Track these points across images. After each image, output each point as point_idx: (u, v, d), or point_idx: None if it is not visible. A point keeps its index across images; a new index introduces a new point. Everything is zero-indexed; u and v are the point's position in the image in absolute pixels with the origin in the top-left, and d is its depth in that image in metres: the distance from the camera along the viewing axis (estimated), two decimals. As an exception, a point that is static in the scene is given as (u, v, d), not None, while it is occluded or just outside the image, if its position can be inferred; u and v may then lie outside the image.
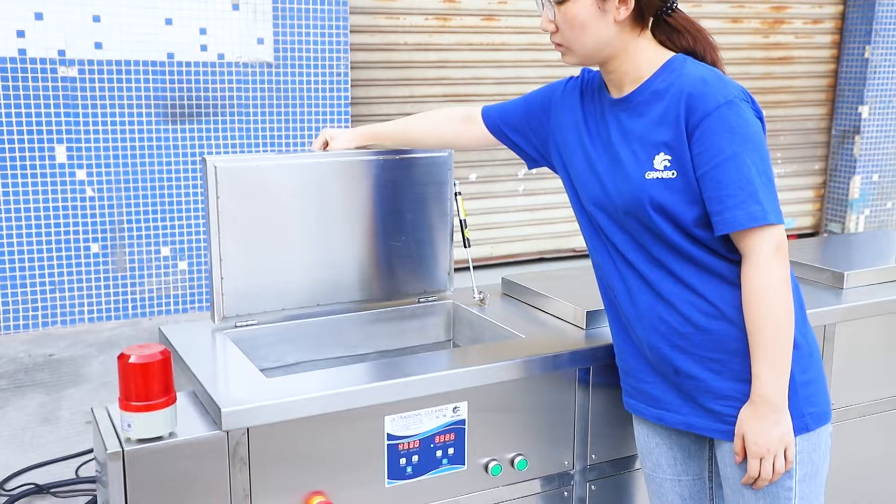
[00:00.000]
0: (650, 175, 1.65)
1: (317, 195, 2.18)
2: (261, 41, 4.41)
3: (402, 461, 1.82)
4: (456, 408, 1.87)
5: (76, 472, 3.10)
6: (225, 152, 4.46)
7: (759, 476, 1.65)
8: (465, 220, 2.36)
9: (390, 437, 1.80)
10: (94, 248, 4.34)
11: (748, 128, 1.61)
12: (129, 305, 4.46)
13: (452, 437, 1.87)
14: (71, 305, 4.36)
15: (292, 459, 1.72)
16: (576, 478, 2.05)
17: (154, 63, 4.22)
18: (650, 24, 1.71)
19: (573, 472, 2.05)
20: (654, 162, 1.65)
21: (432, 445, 1.85)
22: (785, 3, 5.64)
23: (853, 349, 2.40)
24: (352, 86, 4.58)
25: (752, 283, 1.60)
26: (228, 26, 4.33)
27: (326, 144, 2.23)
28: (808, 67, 5.76)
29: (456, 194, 2.33)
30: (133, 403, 1.53)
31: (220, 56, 4.34)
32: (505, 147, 2.06)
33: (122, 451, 1.54)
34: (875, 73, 5.66)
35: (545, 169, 2.04)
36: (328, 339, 2.26)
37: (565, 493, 2.04)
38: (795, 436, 1.66)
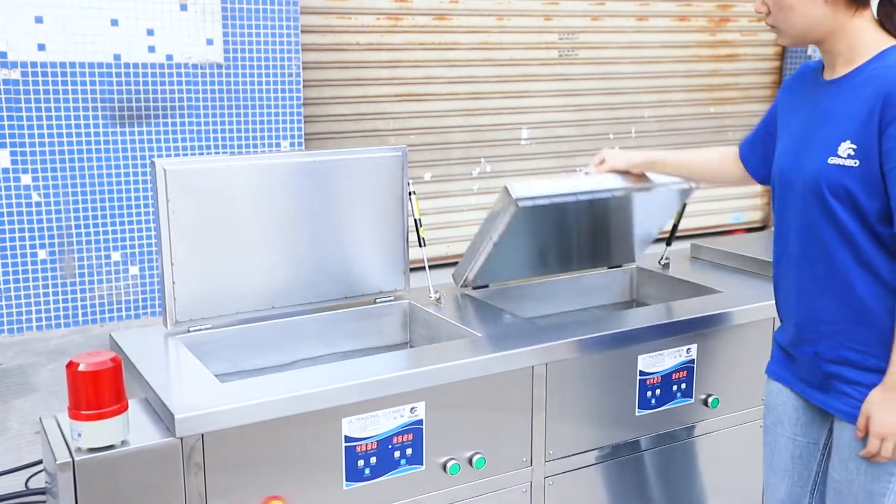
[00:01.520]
0: (832, 160, 1.70)
1: (270, 197, 2.16)
2: (210, 42, 4.35)
3: (360, 463, 1.82)
4: (413, 408, 1.87)
5: (26, 483, 3.03)
6: (176, 155, 4.39)
7: (877, 454, 1.74)
8: (419, 220, 2.36)
9: (348, 438, 1.80)
10: (42, 254, 4.24)
11: None
12: (79, 312, 4.37)
13: (410, 437, 1.87)
14: (18, 313, 4.26)
15: (249, 464, 1.70)
16: (534, 474, 2.07)
17: (100, 65, 4.14)
18: (874, 6, 1.72)
19: (531, 469, 2.06)
20: (840, 149, 1.69)
21: (390, 446, 1.85)
22: (730, 1, 5.75)
23: (801, 340, 2.46)
24: (304, 86, 4.55)
25: None
26: (177, 27, 4.26)
27: (602, 162, 2.34)
28: (754, 65, 5.88)
29: (410, 194, 2.33)
30: (83, 412, 1.50)
31: (169, 57, 4.27)
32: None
33: (72, 461, 1.51)
34: (818, 69, 5.81)
35: (499, 168, 2.03)
36: (284, 342, 2.24)
37: (523, 490, 2.05)
38: None
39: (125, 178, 4.33)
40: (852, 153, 1.68)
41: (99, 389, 1.50)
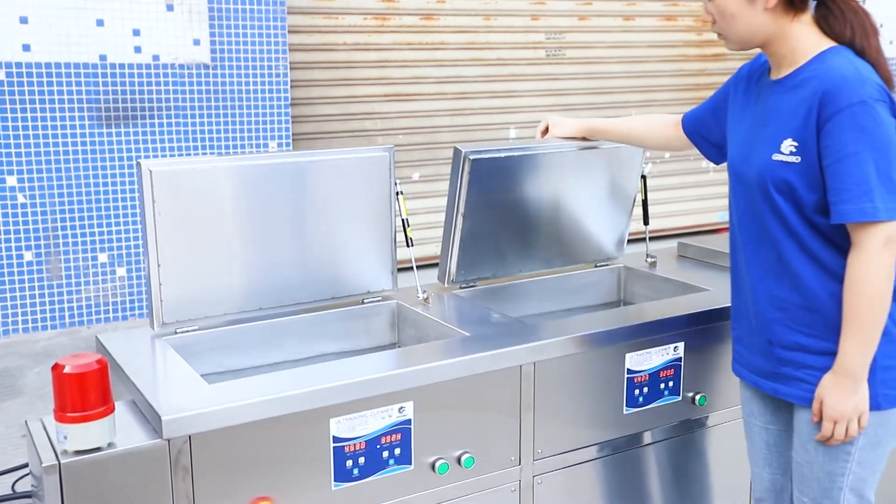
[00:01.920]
0: (776, 157, 1.82)
1: (256, 197, 2.15)
2: (197, 42, 4.34)
3: (349, 463, 1.82)
4: (401, 408, 1.87)
5: (12, 487, 3.01)
6: (162, 155, 4.37)
7: (832, 436, 1.83)
8: (407, 220, 2.36)
9: (336, 439, 1.79)
10: (28, 255, 4.21)
11: (876, 128, 1.72)
12: (66, 314, 4.34)
13: (399, 437, 1.87)
14: (4, 316, 4.23)
15: (237, 466, 1.70)
16: (522, 473, 2.07)
17: (86, 65, 4.11)
18: (812, 10, 1.83)
19: (520, 468, 2.06)
20: (782, 146, 1.81)
21: (378, 446, 1.85)
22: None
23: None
24: (291, 86, 4.54)
25: (856, 269, 1.76)
26: (163, 27, 4.24)
27: (546, 130, 2.47)
28: (740, 64, 5.91)
29: (397, 194, 2.33)
30: (69, 415, 1.49)
31: (155, 58, 4.26)
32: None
33: (58, 464, 1.51)
34: (804, 68, 5.84)
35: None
36: (271, 343, 2.23)
37: (512, 489, 2.06)
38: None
39: (112, 179, 4.31)
40: (794, 150, 1.79)
41: (85, 391, 1.49)
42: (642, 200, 2.71)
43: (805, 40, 1.82)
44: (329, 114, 4.74)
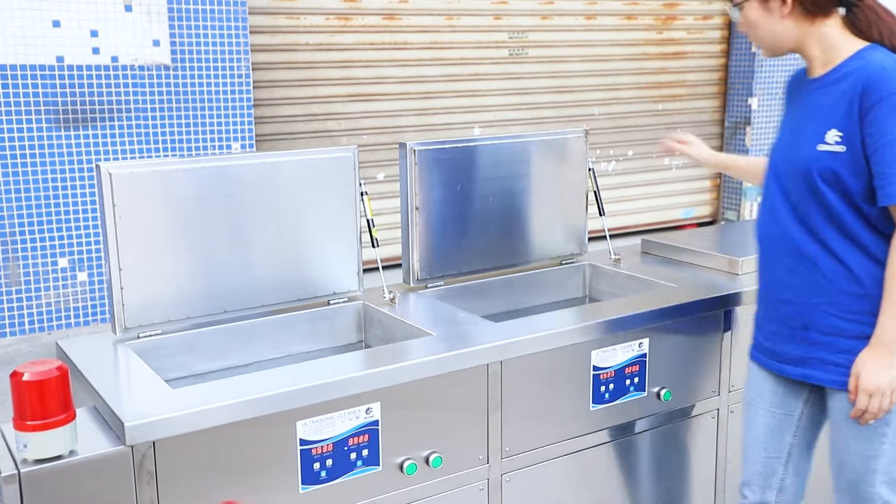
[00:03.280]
0: (821, 147, 1.90)
1: (219, 199, 2.13)
2: (157, 43, 4.28)
3: (316, 466, 1.81)
4: (369, 409, 1.86)
5: (-28, 498, 2.95)
6: (123, 158, 4.31)
7: (865, 411, 1.89)
8: (372, 220, 2.35)
9: (303, 441, 1.78)
10: (-15, 262, 4.13)
11: None
12: (26, 320, 4.26)
13: (366, 438, 1.86)
14: (-39, 323, 4.14)
15: (202, 471, 1.68)
16: (491, 471, 2.07)
17: (42, 67, 4.04)
18: (838, 14, 1.93)
19: (488, 466, 2.07)
20: (827, 136, 1.90)
21: (346, 448, 1.84)
22: (676, 0, 5.83)
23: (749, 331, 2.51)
24: (254, 87, 4.50)
25: None
26: (121, 28, 4.18)
27: (682, 143, 2.55)
28: (700, 62, 5.98)
29: (362, 194, 2.32)
30: (28, 423, 1.47)
31: (114, 59, 4.19)
32: None
33: (18, 473, 1.48)
34: (762, 66, 5.92)
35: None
36: (237, 346, 2.21)
37: (480, 488, 2.06)
38: None
39: (71, 182, 4.24)
40: (839, 139, 1.88)
41: (44, 399, 1.47)
42: (594, 192, 2.75)
43: (837, 41, 1.94)
44: (292, 114, 4.71)
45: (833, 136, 1.88)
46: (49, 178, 4.25)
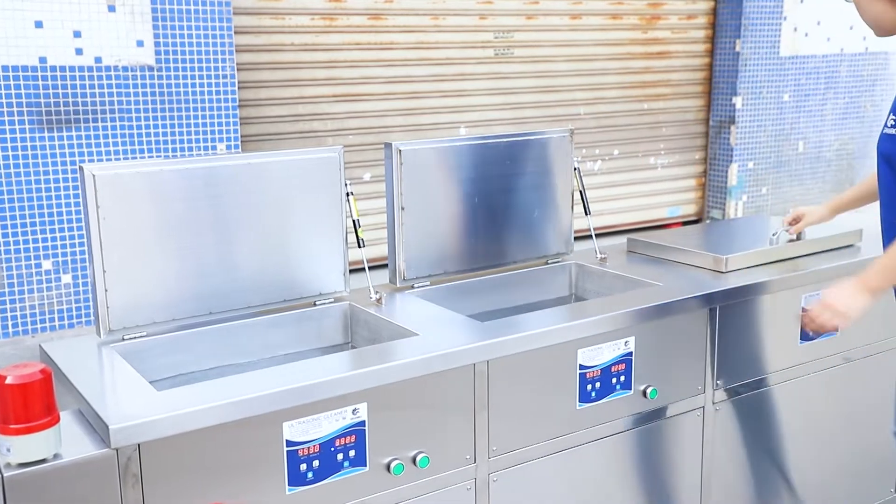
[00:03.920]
0: (886, 131, 2.13)
1: (204, 200, 2.12)
2: (140, 43, 4.26)
3: (303, 467, 1.80)
4: (355, 409, 1.86)
5: (-44, 503, 2.93)
6: (108, 159, 4.28)
7: (813, 320, 2.08)
8: (358, 220, 2.35)
9: (289, 443, 1.78)
10: (-32, 264, 4.09)
11: None
12: (10, 323, 4.23)
13: (353, 439, 1.86)
14: (-56, 327, 4.10)
15: (188, 473, 1.67)
16: (478, 471, 2.08)
17: (25, 68, 4.01)
18: None
19: (475, 466, 2.07)
20: (888, 121, 2.12)
21: (333, 449, 1.84)
22: (660, 0, 5.86)
23: (737, 329, 2.52)
24: (239, 88, 4.48)
25: None
26: (105, 28, 4.16)
27: (797, 220, 2.70)
28: (685, 61, 6.00)
29: (348, 195, 2.32)
30: (12, 426, 1.46)
31: (98, 59, 4.17)
32: None
33: (2, 477, 1.47)
34: (746, 65, 5.95)
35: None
36: (223, 348, 2.20)
37: (468, 487, 2.06)
38: None
39: (55, 184, 4.21)
40: (893, 123, 2.09)
41: (28, 402, 1.46)
42: (580, 192, 2.75)
43: None
44: (278, 115, 4.69)
45: (892, 119, 2.08)
46: (32, 179, 4.22)
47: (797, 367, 2.69)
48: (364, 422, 1.87)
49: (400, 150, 2.37)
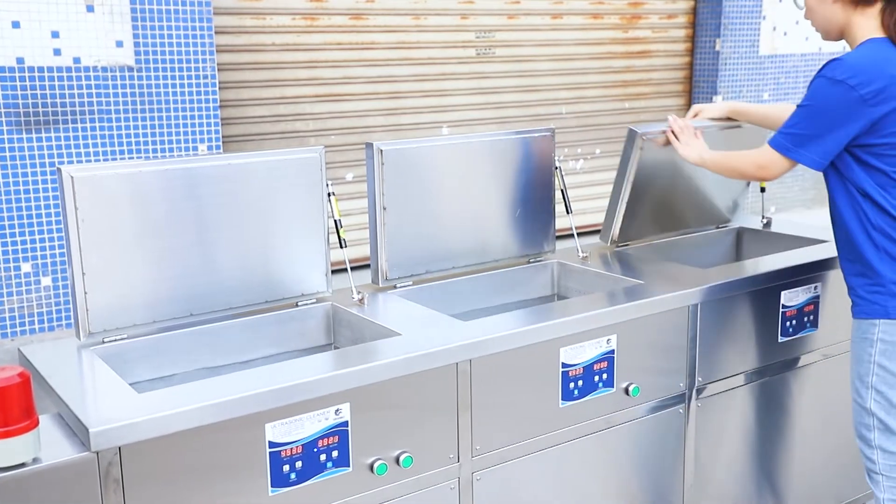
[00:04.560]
0: None
1: (185, 201, 2.11)
2: (120, 44, 4.22)
3: (286, 468, 1.80)
4: (338, 410, 1.85)
5: (-65, 509, 2.89)
6: (87, 160, 4.25)
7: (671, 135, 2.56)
8: (339, 221, 2.34)
9: (272, 444, 1.77)
10: (-55, 268, 4.05)
11: (814, 93, 2.09)
12: (-12, 327, 4.18)
13: (336, 439, 1.86)
14: (-79, 331, 4.05)
15: (170, 476, 1.67)
16: (461, 470, 2.08)
17: (2, 69, 3.97)
18: (879, 6, 2.04)
19: (458, 465, 2.07)
20: None
21: (316, 450, 1.83)
22: (641, -1, 5.88)
23: (718, 326, 2.54)
24: (220, 88, 4.46)
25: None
26: (83, 29, 4.12)
27: (696, 115, 2.77)
28: (666, 60, 6.03)
29: (329, 195, 2.32)
30: (-10, 431, 1.44)
31: (76, 60, 4.13)
32: None
33: (-19, 482, 1.45)
34: (725, 64, 6.00)
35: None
36: (204, 349, 2.19)
37: (451, 487, 2.06)
38: (877, 318, 2.17)
39: (33, 185, 4.18)
40: None
41: (6, 406, 1.44)
42: (562, 191, 2.76)
43: (862, 31, 2.06)
44: (259, 115, 4.68)
45: None
46: (10, 181, 4.18)
47: (778, 364, 2.71)
48: (347, 422, 1.87)
49: (381, 150, 2.37)
